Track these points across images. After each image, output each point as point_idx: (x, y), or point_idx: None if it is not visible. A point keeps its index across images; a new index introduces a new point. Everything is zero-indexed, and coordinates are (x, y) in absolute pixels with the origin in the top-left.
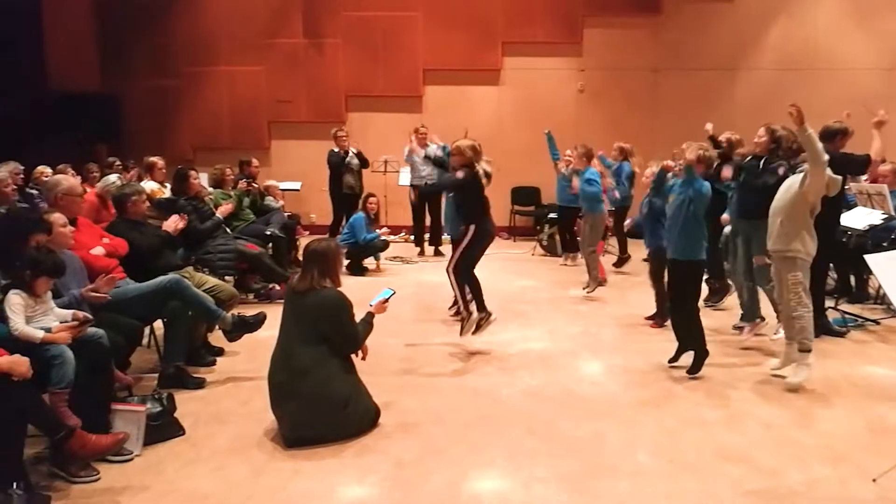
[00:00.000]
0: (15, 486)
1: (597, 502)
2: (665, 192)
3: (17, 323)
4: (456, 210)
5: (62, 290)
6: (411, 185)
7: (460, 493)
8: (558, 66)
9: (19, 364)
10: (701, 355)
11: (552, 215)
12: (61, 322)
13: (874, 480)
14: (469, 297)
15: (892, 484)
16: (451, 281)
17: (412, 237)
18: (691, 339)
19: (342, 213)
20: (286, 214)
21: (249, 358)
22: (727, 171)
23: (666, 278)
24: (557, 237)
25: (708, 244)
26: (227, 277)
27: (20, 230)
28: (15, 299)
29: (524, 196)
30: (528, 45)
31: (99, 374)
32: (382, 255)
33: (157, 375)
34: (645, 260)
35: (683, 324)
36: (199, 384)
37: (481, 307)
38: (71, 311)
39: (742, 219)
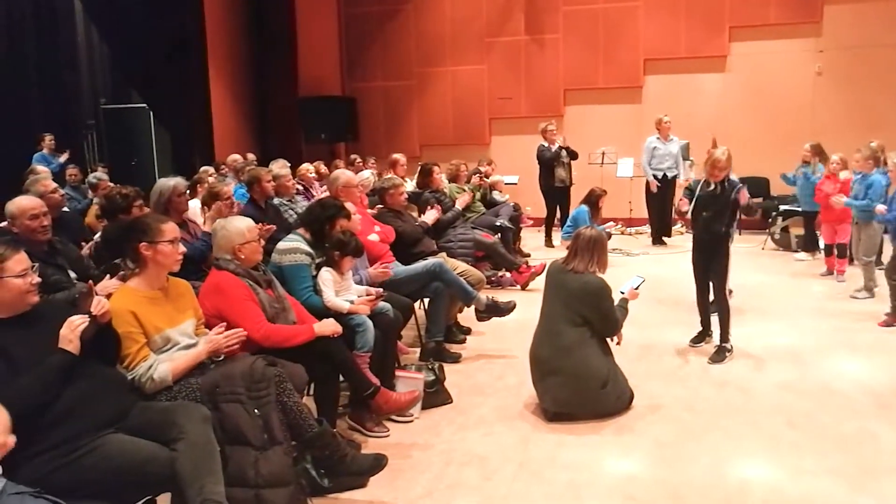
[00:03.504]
0: None
1: (880, 500)
2: None
3: (329, 295)
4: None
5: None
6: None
7: (727, 478)
8: (792, 49)
9: (330, 325)
10: None
11: (784, 207)
12: (359, 297)
13: None
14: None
15: None
16: (724, 307)
17: (628, 229)
18: None
19: (554, 205)
20: (512, 206)
21: (495, 338)
22: None
23: None
24: (791, 231)
25: None
26: None
27: (329, 215)
28: (326, 276)
29: (752, 187)
30: (758, 28)
31: (387, 342)
32: None
33: (418, 350)
34: None
35: None
36: (456, 359)
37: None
38: (365, 288)
39: None
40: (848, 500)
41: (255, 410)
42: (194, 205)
